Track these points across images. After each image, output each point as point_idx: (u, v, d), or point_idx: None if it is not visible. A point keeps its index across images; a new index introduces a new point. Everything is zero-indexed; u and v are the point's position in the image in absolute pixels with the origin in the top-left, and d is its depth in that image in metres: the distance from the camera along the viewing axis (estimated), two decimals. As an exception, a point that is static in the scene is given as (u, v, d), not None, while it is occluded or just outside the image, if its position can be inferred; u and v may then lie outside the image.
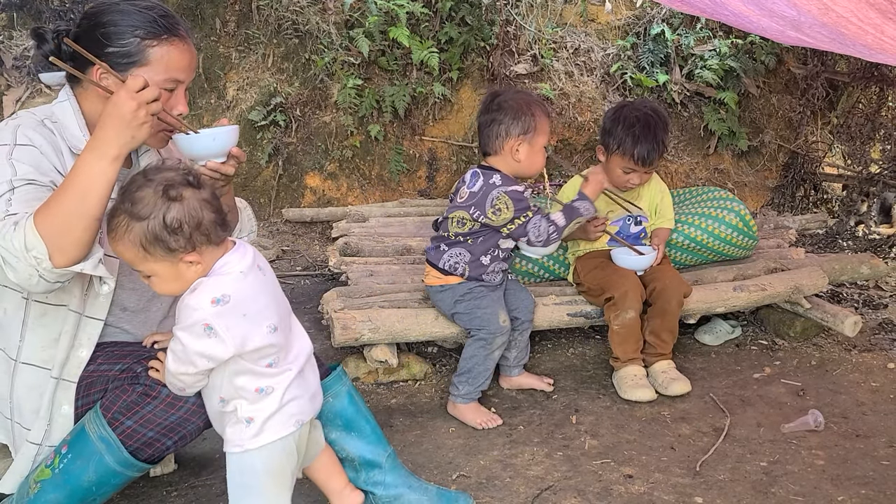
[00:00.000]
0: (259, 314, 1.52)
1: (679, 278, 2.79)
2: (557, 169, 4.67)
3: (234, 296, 1.49)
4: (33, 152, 1.64)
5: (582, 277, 2.84)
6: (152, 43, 1.69)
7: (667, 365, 2.69)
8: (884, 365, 2.87)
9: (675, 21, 4.83)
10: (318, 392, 1.73)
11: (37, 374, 1.73)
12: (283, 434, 1.58)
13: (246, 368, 1.55)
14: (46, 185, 1.62)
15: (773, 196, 4.89)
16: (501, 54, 4.58)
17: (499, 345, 2.49)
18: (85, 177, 1.52)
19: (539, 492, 2.07)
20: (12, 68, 4.35)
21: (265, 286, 1.57)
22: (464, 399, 2.45)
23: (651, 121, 2.70)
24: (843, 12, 1.66)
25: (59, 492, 1.67)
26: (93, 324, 1.76)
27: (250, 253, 1.59)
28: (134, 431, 1.67)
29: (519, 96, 2.50)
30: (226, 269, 1.53)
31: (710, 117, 4.74)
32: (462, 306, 2.50)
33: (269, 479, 1.59)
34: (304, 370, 1.66)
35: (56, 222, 1.49)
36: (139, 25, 1.69)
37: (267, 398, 1.57)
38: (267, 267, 1.64)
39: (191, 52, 1.78)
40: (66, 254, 1.50)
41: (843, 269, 3.23)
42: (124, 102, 1.52)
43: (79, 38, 1.70)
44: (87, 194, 1.51)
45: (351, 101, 4.38)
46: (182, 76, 1.75)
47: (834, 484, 2.10)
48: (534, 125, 2.45)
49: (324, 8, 4.51)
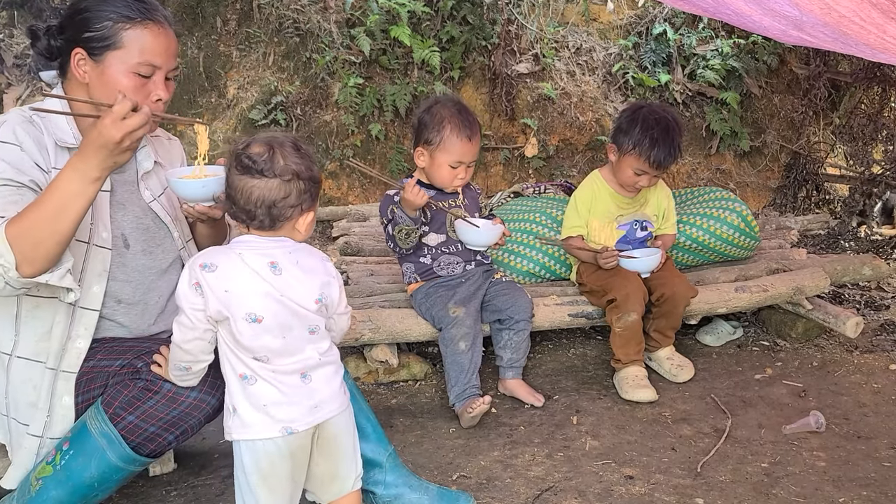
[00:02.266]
0: (242, 298, 1.52)
1: (686, 283, 2.80)
2: (558, 168, 4.67)
3: (220, 267, 1.53)
4: (13, 150, 1.66)
5: (585, 278, 2.83)
6: (125, 25, 1.72)
7: (670, 351, 2.78)
8: (885, 366, 2.86)
9: (678, 21, 4.82)
10: (332, 401, 1.63)
11: (29, 366, 1.73)
12: (266, 435, 1.55)
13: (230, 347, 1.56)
14: (25, 185, 1.63)
15: (775, 196, 4.89)
16: (503, 53, 4.57)
17: (459, 337, 2.46)
18: (63, 194, 1.54)
19: (539, 492, 2.07)
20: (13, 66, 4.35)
21: (266, 282, 1.54)
22: (458, 401, 2.44)
23: (670, 125, 2.67)
24: (845, 12, 1.65)
25: (61, 488, 1.67)
26: (88, 315, 1.76)
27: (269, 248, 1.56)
28: (136, 427, 1.68)
29: (444, 109, 2.51)
30: (232, 248, 1.57)
31: (712, 117, 4.73)
32: (424, 307, 2.60)
33: (259, 478, 1.56)
34: (309, 375, 1.60)
35: (28, 235, 1.51)
36: (114, 10, 1.72)
37: (248, 388, 1.55)
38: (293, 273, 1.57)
39: (167, 37, 1.78)
40: (34, 265, 1.53)
41: (845, 270, 3.22)
42: (109, 131, 1.53)
43: (63, 27, 1.75)
44: (62, 212, 1.53)
45: (352, 100, 4.38)
46: (158, 61, 1.75)
47: (835, 485, 2.10)
48: (438, 140, 2.48)
49: (325, 6, 4.50)
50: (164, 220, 1.94)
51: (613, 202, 2.83)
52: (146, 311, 1.90)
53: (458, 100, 2.63)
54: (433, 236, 2.62)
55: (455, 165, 2.50)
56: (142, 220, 1.89)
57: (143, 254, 1.88)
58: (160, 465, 2.14)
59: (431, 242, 2.62)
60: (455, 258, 2.63)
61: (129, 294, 1.86)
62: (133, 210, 1.88)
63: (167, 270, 1.94)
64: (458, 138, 2.47)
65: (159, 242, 1.93)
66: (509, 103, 4.59)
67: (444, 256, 2.62)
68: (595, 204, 2.83)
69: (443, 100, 2.58)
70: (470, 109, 2.58)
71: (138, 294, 1.88)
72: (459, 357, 2.45)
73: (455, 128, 2.47)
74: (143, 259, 1.88)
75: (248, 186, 1.53)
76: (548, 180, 4.39)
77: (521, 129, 4.69)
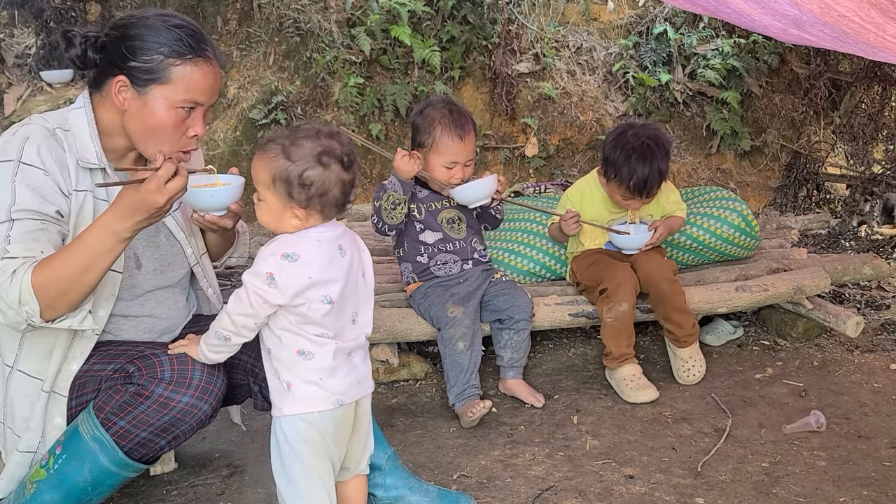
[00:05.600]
0: (321, 283, 1.57)
1: (660, 259, 2.76)
2: (559, 168, 4.67)
3: (302, 256, 1.56)
4: (37, 175, 1.63)
5: (579, 276, 2.83)
6: (175, 62, 1.68)
7: (692, 351, 2.71)
8: (886, 366, 2.86)
9: (678, 20, 4.82)
10: (367, 378, 1.73)
11: (30, 383, 1.72)
12: (321, 408, 1.61)
13: (292, 326, 1.59)
14: (48, 218, 1.62)
15: (776, 196, 4.88)
16: (503, 53, 4.57)
17: (457, 337, 2.46)
18: (92, 252, 1.55)
19: (540, 492, 2.07)
20: (13, 66, 4.35)
21: (337, 263, 1.61)
22: (458, 401, 2.44)
23: (648, 151, 2.62)
24: (845, 11, 1.65)
25: (55, 492, 1.67)
26: (88, 338, 1.75)
27: (337, 231, 1.65)
28: (127, 432, 1.67)
29: (435, 111, 2.50)
30: (307, 233, 1.60)
31: (713, 117, 4.73)
32: (422, 307, 2.60)
33: (307, 447, 1.61)
34: (352, 354, 1.68)
35: (53, 286, 1.53)
36: (165, 43, 1.67)
37: (306, 363, 1.60)
38: (353, 251, 1.68)
39: (215, 75, 1.75)
40: (57, 312, 1.57)
41: (846, 269, 3.22)
42: (154, 197, 1.53)
43: (105, 47, 1.70)
44: (90, 267, 1.55)
45: (352, 100, 4.38)
46: (202, 98, 1.73)
47: (835, 485, 2.10)
48: (431, 142, 2.48)
49: (325, 6, 4.50)
50: (177, 238, 1.92)
51: (604, 206, 2.82)
52: (153, 325, 1.89)
53: (450, 100, 2.61)
54: (429, 234, 2.62)
55: (450, 166, 2.49)
56: (154, 238, 1.88)
57: (154, 273, 1.87)
58: (161, 464, 2.14)
59: (428, 240, 2.62)
60: (452, 256, 2.63)
61: (135, 311, 1.85)
62: (147, 229, 1.84)
63: (176, 286, 1.94)
64: (450, 139, 2.46)
65: (171, 260, 1.91)
66: (510, 103, 4.59)
67: (441, 255, 2.62)
68: (585, 205, 2.81)
69: (434, 101, 2.57)
70: (463, 109, 2.56)
71: (146, 310, 1.86)
72: (458, 357, 2.45)
73: (446, 129, 2.46)
74: (153, 279, 1.87)
75: (345, 178, 1.59)
76: (548, 180, 4.40)
77: (522, 129, 4.69)
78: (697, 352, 2.73)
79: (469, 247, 2.66)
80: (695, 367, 2.70)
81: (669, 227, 2.82)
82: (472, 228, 2.69)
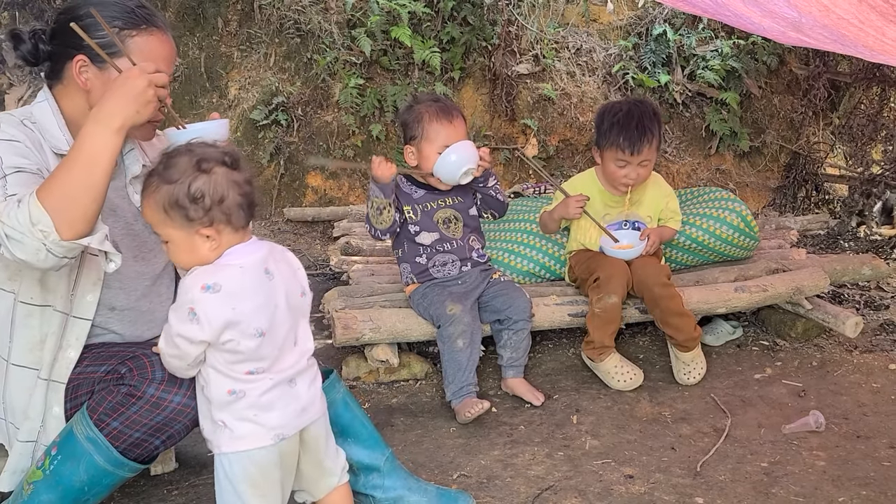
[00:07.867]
0: (249, 314, 1.49)
1: (654, 264, 2.77)
2: (559, 169, 4.67)
3: (225, 286, 1.46)
4: (18, 146, 1.63)
5: (577, 272, 2.86)
6: (131, 33, 1.70)
7: (694, 355, 2.72)
8: (885, 366, 2.87)
9: (677, 21, 4.83)
10: (314, 404, 1.65)
11: (26, 375, 1.73)
12: (258, 445, 1.54)
13: (221, 366, 1.51)
14: (36, 173, 1.61)
15: (775, 197, 4.89)
16: (503, 54, 4.58)
17: (457, 334, 2.46)
18: (90, 147, 1.51)
19: (539, 492, 2.07)
20: (14, 67, 4.35)
21: (265, 290, 1.53)
22: (455, 398, 2.45)
23: (634, 110, 2.72)
24: (844, 14, 1.66)
25: (52, 493, 1.66)
26: (80, 324, 1.75)
27: (261, 252, 1.55)
28: (120, 433, 1.66)
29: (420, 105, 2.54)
30: (227, 260, 1.52)
31: (712, 118, 4.74)
32: (422, 307, 2.61)
33: (248, 487, 1.55)
34: (295, 381, 1.60)
35: (62, 195, 1.48)
36: (117, 16, 1.69)
37: (239, 402, 1.53)
38: (281, 273, 1.58)
39: (170, 44, 1.77)
40: (73, 227, 1.49)
41: (845, 269, 3.23)
42: (136, 78, 1.53)
43: (56, 34, 1.70)
44: (93, 165, 1.51)
45: (353, 101, 4.39)
46: (162, 67, 1.72)
47: (835, 485, 2.10)
48: (420, 131, 2.50)
49: (326, 7, 4.51)
50: None
51: (601, 200, 2.83)
52: (140, 317, 1.88)
53: (435, 94, 2.67)
54: (425, 235, 2.62)
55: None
56: (132, 226, 1.87)
57: (134, 260, 1.85)
58: (161, 464, 2.15)
59: (425, 241, 2.63)
60: (450, 256, 2.63)
61: (122, 301, 1.84)
62: (123, 216, 1.85)
63: (160, 275, 1.93)
64: (439, 123, 2.49)
65: (151, 247, 1.90)
66: (509, 104, 4.60)
67: (440, 255, 2.63)
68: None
69: (419, 97, 2.64)
70: (448, 99, 2.61)
71: (131, 301, 1.86)
72: (457, 354, 2.46)
73: (433, 115, 2.50)
74: (134, 265, 1.85)
75: (237, 178, 1.50)
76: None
77: (522, 130, 4.70)
78: (700, 355, 2.74)
79: (467, 246, 2.67)
80: (696, 370, 2.71)
81: (660, 237, 2.84)
82: (469, 227, 2.69)
